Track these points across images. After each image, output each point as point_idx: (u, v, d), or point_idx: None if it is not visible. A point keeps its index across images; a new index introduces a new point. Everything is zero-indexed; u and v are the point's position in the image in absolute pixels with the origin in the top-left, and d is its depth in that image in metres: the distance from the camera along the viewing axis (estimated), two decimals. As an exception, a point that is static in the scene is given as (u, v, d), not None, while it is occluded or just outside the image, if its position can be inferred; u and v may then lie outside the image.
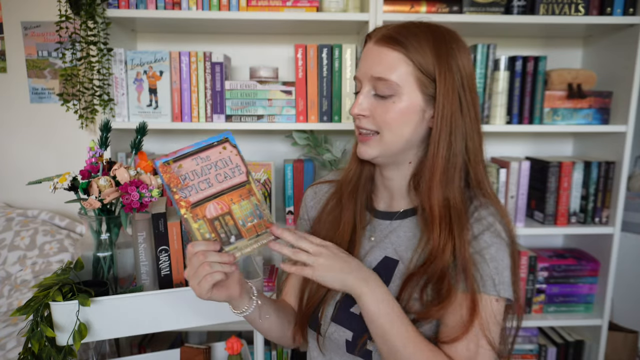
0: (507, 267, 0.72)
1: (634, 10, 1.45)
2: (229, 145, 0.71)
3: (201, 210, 0.68)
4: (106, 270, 0.91)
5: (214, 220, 0.69)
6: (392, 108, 0.72)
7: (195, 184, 0.69)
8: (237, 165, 0.71)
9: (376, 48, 0.74)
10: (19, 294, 1.46)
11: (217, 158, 0.70)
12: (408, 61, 0.71)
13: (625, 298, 1.89)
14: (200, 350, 1.13)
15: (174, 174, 0.68)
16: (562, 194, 1.56)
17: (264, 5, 1.44)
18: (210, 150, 0.70)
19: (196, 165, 0.69)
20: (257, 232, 0.70)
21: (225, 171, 0.70)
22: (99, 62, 1.41)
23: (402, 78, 0.71)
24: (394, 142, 0.75)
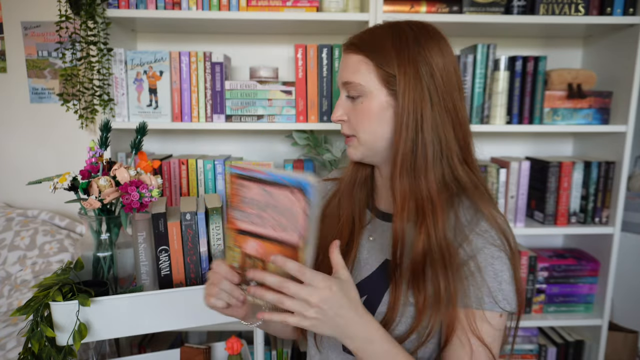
0: (510, 280, 0.71)
1: (634, 10, 1.45)
2: (302, 198, 0.60)
3: (242, 240, 0.65)
4: (106, 270, 0.91)
5: (248, 257, 0.65)
6: (361, 109, 0.74)
7: (250, 214, 0.64)
8: (297, 222, 0.60)
9: (345, 55, 0.77)
10: (19, 294, 1.46)
11: (283, 203, 0.61)
12: (368, 61, 0.73)
13: (625, 298, 1.89)
14: (200, 350, 1.13)
15: (238, 191, 0.64)
16: (562, 194, 1.56)
17: (264, 5, 1.44)
18: (281, 190, 0.61)
19: (261, 196, 0.63)
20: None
21: (283, 221, 0.62)
22: (99, 62, 1.41)
23: (365, 78, 0.73)
24: (372, 142, 0.75)
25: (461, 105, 0.74)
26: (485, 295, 0.69)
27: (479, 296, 0.70)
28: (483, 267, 0.70)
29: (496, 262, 0.70)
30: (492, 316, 0.70)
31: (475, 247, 0.71)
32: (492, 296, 0.69)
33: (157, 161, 1.50)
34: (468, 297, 0.70)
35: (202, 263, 0.92)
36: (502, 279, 0.70)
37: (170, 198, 1.56)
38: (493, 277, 0.70)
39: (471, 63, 1.48)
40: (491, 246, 0.70)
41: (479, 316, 0.70)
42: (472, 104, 1.50)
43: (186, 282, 0.92)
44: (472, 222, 0.72)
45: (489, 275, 0.70)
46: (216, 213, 0.92)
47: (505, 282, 0.70)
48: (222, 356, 1.19)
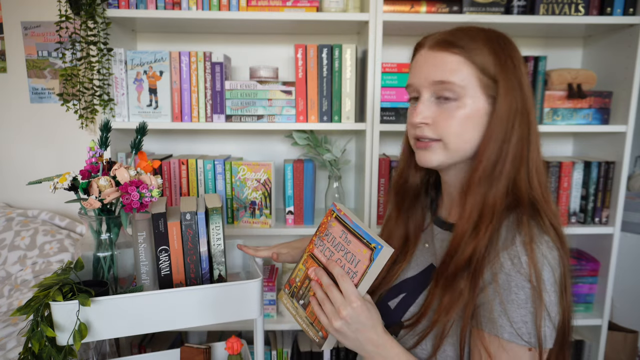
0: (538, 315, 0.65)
1: (634, 10, 1.45)
2: (369, 255, 0.69)
3: (310, 263, 0.77)
4: (106, 270, 0.91)
5: (307, 278, 0.77)
6: (455, 114, 0.70)
7: (325, 247, 0.76)
8: (356, 273, 0.70)
9: (432, 54, 0.72)
10: (19, 294, 1.46)
11: (353, 251, 0.71)
12: (469, 63, 0.70)
13: (625, 298, 1.89)
14: (200, 350, 1.13)
15: (326, 224, 0.77)
16: (562, 194, 1.56)
17: (264, 5, 1.44)
18: (357, 240, 0.71)
19: (340, 236, 0.74)
20: (313, 322, 0.75)
21: (347, 264, 0.72)
22: (99, 62, 1.41)
23: (466, 81, 0.70)
24: (459, 148, 0.72)
25: (535, 119, 0.73)
26: (506, 324, 0.65)
27: (499, 324, 0.66)
28: (506, 294, 0.66)
29: (520, 291, 0.65)
30: (512, 348, 0.66)
31: (501, 268, 0.66)
32: (513, 327, 0.65)
33: (157, 161, 1.50)
34: (489, 321, 0.67)
35: (202, 263, 0.92)
36: (526, 310, 0.65)
37: (170, 198, 1.56)
38: (515, 308, 0.65)
39: (471, 63, 1.48)
40: (517, 274, 0.65)
41: (497, 344, 0.66)
42: (472, 104, 1.50)
43: (186, 282, 0.92)
44: (507, 240, 0.68)
45: (511, 304, 0.65)
46: (216, 213, 0.92)
47: (530, 313, 0.65)
48: (222, 356, 1.19)
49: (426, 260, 0.81)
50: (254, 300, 0.91)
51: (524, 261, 0.65)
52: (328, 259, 0.74)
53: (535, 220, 0.69)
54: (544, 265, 0.66)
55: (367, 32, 1.44)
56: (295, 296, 0.78)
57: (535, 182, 0.72)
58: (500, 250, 0.67)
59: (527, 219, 0.68)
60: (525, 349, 0.65)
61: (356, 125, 1.50)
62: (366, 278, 0.68)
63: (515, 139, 0.70)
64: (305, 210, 1.57)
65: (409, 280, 0.81)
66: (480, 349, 0.68)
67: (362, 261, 0.69)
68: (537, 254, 0.66)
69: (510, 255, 0.66)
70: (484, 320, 0.68)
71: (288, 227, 1.56)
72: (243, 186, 1.54)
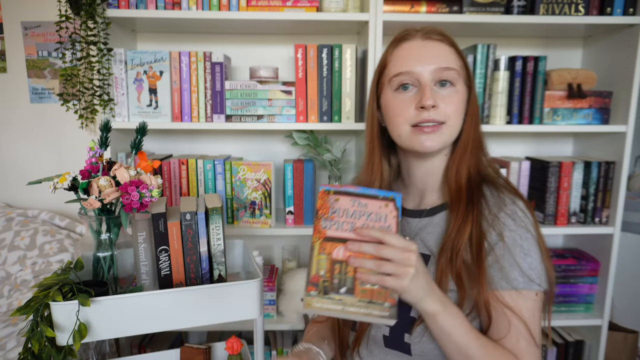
0: (540, 259, 0.75)
1: (634, 10, 1.45)
2: (392, 206, 0.69)
3: (330, 247, 0.69)
4: (106, 270, 0.91)
5: (336, 262, 0.68)
6: (455, 98, 0.78)
7: (340, 222, 0.69)
8: (389, 227, 0.68)
9: (430, 43, 0.79)
10: (19, 294, 1.46)
11: (374, 210, 0.69)
12: (458, 55, 0.80)
13: (625, 298, 1.89)
14: (200, 350, 1.12)
15: (327, 204, 0.70)
16: (562, 194, 1.56)
17: (264, 5, 1.44)
18: (372, 200, 0.69)
19: (351, 205, 0.69)
20: (372, 299, 0.66)
21: (374, 225, 0.69)
22: (99, 62, 1.41)
23: (459, 69, 0.79)
24: (455, 131, 0.80)
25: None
26: (518, 275, 0.73)
27: (513, 277, 0.72)
28: (512, 248, 0.73)
29: (525, 242, 0.74)
30: (529, 295, 0.73)
31: (504, 227, 0.75)
32: (525, 275, 0.72)
33: (157, 161, 1.50)
34: (502, 280, 0.73)
35: (202, 263, 0.92)
36: (532, 257, 0.74)
37: (170, 198, 1.56)
38: (523, 257, 0.73)
39: (471, 63, 1.48)
40: (519, 227, 0.75)
41: (514, 296, 0.72)
42: (472, 104, 1.50)
43: (186, 282, 0.92)
44: (499, 203, 0.77)
45: (519, 255, 0.73)
46: (216, 213, 0.92)
47: (535, 260, 0.74)
48: (222, 356, 1.19)
49: None
50: (254, 300, 0.91)
51: (520, 215, 0.76)
52: (356, 228, 0.68)
53: (504, 185, 0.81)
54: (531, 215, 0.77)
55: (367, 32, 1.44)
56: (331, 290, 0.68)
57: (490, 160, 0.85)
58: (498, 211, 0.76)
59: (500, 185, 0.81)
60: (533, 294, 0.73)
61: (356, 125, 1.50)
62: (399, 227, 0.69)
63: (480, 125, 0.83)
64: (305, 210, 1.57)
65: None
66: (500, 309, 0.72)
67: (389, 215, 0.69)
68: (525, 208, 0.77)
69: (508, 213, 0.76)
70: (496, 280, 0.73)
71: (288, 227, 1.56)
72: (243, 186, 1.54)
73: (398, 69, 0.79)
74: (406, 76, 0.78)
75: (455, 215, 0.77)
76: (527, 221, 0.76)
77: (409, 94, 0.78)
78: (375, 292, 0.66)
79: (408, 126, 0.78)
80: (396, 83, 0.79)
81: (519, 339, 0.72)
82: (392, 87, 0.80)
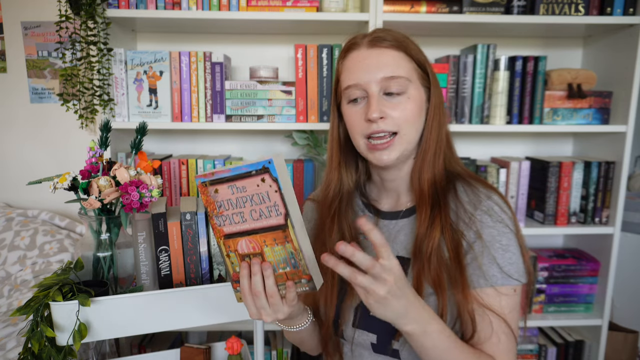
0: (519, 253, 0.75)
1: (634, 10, 1.45)
2: (269, 178, 0.60)
3: (233, 244, 0.65)
4: (106, 270, 0.91)
5: (245, 256, 0.65)
6: (408, 104, 0.75)
7: (230, 215, 0.64)
8: (276, 204, 0.61)
9: (375, 51, 0.75)
10: (19, 294, 1.46)
11: (254, 191, 0.62)
12: (408, 58, 0.76)
13: (625, 298, 1.89)
14: (200, 350, 1.12)
15: (211, 198, 0.64)
16: (562, 194, 1.56)
17: (264, 5, 1.44)
18: (248, 180, 0.62)
19: (231, 194, 0.63)
20: (291, 279, 0.65)
21: (262, 208, 0.62)
22: (99, 62, 1.41)
23: (409, 74, 0.75)
24: (413, 138, 0.77)
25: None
26: (497, 272, 0.72)
27: (491, 273, 0.72)
28: (491, 245, 0.73)
29: (503, 237, 0.74)
30: (507, 291, 0.73)
31: (481, 223, 0.74)
32: (503, 272, 0.72)
33: (157, 161, 1.49)
34: (480, 277, 0.73)
35: (202, 263, 0.92)
36: (511, 252, 0.74)
37: (170, 198, 1.56)
38: (502, 253, 0.73)
39: (471, 63, 1.48)
40: (496, 223, 0.74)
41: (493, 293, 0.72)
42: (472, 104, 1.50)
43: (186, 282, 0.92)
44: (474, 200, 0.76)
45: (498, 251, 0.73)
46: (216, 213, 0.92)
47: (514, 255, 0.74)
48: (222, 356, 1.19)
49: None
50: (254, 300, 0.91)
51: (497, 210, 0.75)
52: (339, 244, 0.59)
53: (477, 182, 0.79)
54: (507, 209, 0.76)
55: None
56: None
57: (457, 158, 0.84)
58: (473, 211, 0.75)
59: (474, 181, 0.79)
60: (512, 289, 0.73)
61: (356, 125, 1.50)
62: (287, 197, 0.61)
63: (444, 122, 0.80)
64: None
65: None
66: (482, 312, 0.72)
67: (270, 191, 0.61)
68: (501, 201, 0.76)
69: (484, 209, 0.75)
70: (474, 278, 0.73)
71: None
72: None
73: (347, 82, 0.77)
74: (354, 89, 0.76)
75: (420, 221, 0.76)
76: (504, 215, 0.75)
77: (360, 105, 0.77)
78: (289, 274, 0.64)
79: (364, 139, 0.77)
80: (347, 96, 0.78)
81: (501, 340, 0.72)
82: (346, 99, 0.79)
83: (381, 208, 0.86)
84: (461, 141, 1.77)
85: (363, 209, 0.88)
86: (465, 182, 0.79)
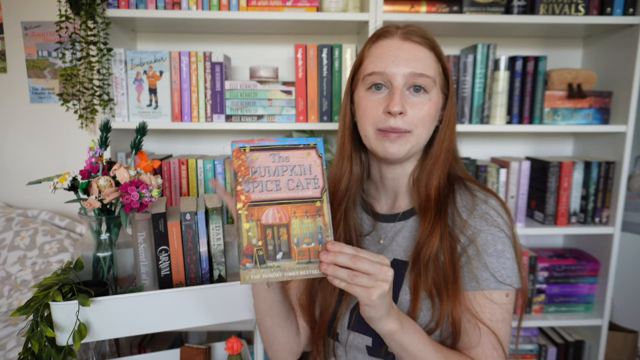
0: (513, 258, 0.73)
1: (634, 10, 1.45)
2: (315, 154, 0.64)
3: (258, 212, 0.62)
4: (106, 270, 0.91)
5: (267, 227, 0.61)
6: (426, 106, 0.74)
7: (264, 182, 0.62)
8: (316, 177, 0.63)
9: (408, 44, 0.74)
10: (19, 294, 1.46)
11: (297, 162, 0.63)
12: (437, 60, 0.76)
13: (625, 298, 1.89)
14: (200, 350, 1.13)
15: (246, 163, 0.62)
16: (562, 194, 1.56)
17: (264, 5, 1.44)
18: (293, 151, 0.63)
19: (272, 161, 0.63)
20: (310, 259, 0.61)
21: (300, 179, 0.63)
22: (99, 62, 1.41)
23: (435, 75, 0.75)
24: (423, 139, 0.77)
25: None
26: (490, 276, 0.71)
27: (484, 277, 0.71)
28: (484, 249, 0.72)
29: (498, 242, 0.72)
30: (499, 296, 0.72)
31: (475, 229, 0.73)
32: (495, 276, 0.71)
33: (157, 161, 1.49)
34: (472, 280, 0.72)
35: (202, 263, 0.92)
36: (505, 257, 0.72)
37: (170, 198, 1.56)
38: (495, 257, 0.72)
39: (471, 63, 1.48)
40: (491, 227, 0.73)
41: (484, 297, 0.71)
42: (472, 104, 1.50)
43: (186, 282, 0.92)
44: (469, 205, 0.76)
45: (492, 255, 0.72)
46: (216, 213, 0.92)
47: (508, 260, 0.72)
48: (222, 356, 1.19)
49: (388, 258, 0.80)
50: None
51: (493, 214, 0.74)
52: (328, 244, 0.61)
53: (476, 185, 0.79)
54: (504, 213, 0.75)
55: (367, 32, 1.44)
56: (267, 258, 0.61)
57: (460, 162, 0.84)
58: (467, 217, 0.74)
59: (473, 184, 0.79)
60: (504, 294, 0.72)
61: (356, 125, 1.50)
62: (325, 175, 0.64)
63: (455, 128, 0.81)
64: (305, 210, 1.57)
65: None
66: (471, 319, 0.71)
67: (313, 164, 0.63)
68: (498, 206, 0.75)
69: (480, 214, 0.74)
70: (466, 281, 0.72)
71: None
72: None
73: (372, 68, 0.75)
74: (379, 76, 0.74)
75: (423, 226, 0.75)
76: (500, 220, 0.74)
77: (380, 94, 0.75)
78: (312, 250, 0.62)
79: (374, 129, 0.75)
80: (369, 82, 0.76)
81: (488, 350, 0.71)
82: (365, 85, 0.76)
83: (379, 210, 0.85)
84: (461, 141, 1.75)
85: (361, 210, 0.86)
86: (464, 186, 0.79)
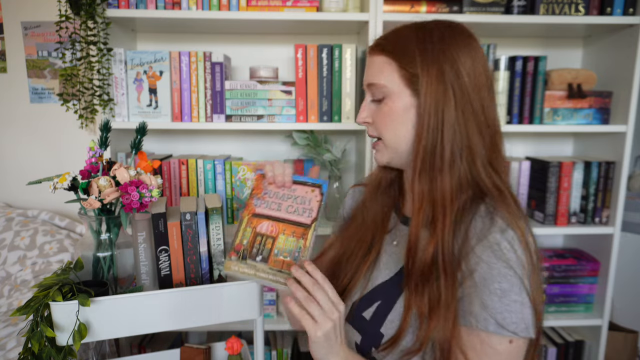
0: (525, 303, 0.63)
1: (634, 10, 1.45)
2: (318, 192, 0.79)
3: (257, 222, 0.78)
4: (106, 270, 0.91)
5: (259, 235, 0.77)
6: (385, 111, 0.74)
7: (269, 202, 0.79)
8: (312, 209, 0.77)
9: (369, 58, 0.77)
10: (19, 294, 1.46)
11: (301, 194, 0.79)
12: (391, 61, 0.72)
13: (625, 298, 1.89)
14: (200, 350, 1.12)
15: (261, 185, 0.81)
16: (562, 194, 1.56)
17: (264, 5, 1.44)
18: (301, 186, 0.80)
19: (282, 190, 0.80)
20: (281, 269, 0.75)
21: (299, 207, 0.78)
22: (99, 62, 1.41)
23: (389, 79, 0.72)
24: (396, 144, 0.73)
25: (490, 106, 0.71)
26: (490, 316, 0.63)
27: (483, 317, 0.63)
28: (486, 284, 0.64)
29: (503, 280, 0.63)
30: (499, 341, 0.63)
31: (479, 259, 0.65)
32: (495, 318, 0.62)
33: (157, 161, 1.50)
34: (470, 314, 0.65)
35: (202, 263, 0.92)
36: (511, 299, 0.63)
37: (170, 198, 1.56)
38: (498, 297, 0.63)
39: (471, 63, 1.48)
40: (498, 261, 0.63)
41: (480, 338, 0.64)
42: (472, 104, 1.50)
43: (186, 282, 0.92)
44: (483, 230, 0.66)
45: (494, 293, 0.63)
46: (216, 213, 0.92)
47: (516, 303, 0.63)
48: (222, 356, 1.19)
49: (398, 263, 0.77)
50: (254, 301, 0.91)
51: (504, 247, 0.64)
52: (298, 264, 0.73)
53: (505, 209, 0.67)
54: (524, 250, 0.64)
55: (367, 32, 1.44)
56: (249, 257, 0.76)
57: (494, 174, 0.70)
58: (476, 243, 0.65)
59: (497, 208, 0.67)
60: (506, 341, 0.63)
61: (356, 125, 1.50)
62: (320, 212, 0.77)
63: (449, 131, 0.68)
64: (305, 210, 1.57)
65: (382, 286, 0.77)
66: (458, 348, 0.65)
67: (313, 199, 0.78)
68: (515, 239, 0.64)
69: (490, 244, 0.64)
70: (463, 314, 0.65)
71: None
72: (243, 186, 1.54)
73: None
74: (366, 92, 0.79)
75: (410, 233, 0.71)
76: (512, 256, 0.63)
77: None
78: (286, 263, 0.75)
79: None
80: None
81: None
82: None
83: (405, 212, 0.83)
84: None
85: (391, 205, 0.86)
86: (492, 205, 0.68)
